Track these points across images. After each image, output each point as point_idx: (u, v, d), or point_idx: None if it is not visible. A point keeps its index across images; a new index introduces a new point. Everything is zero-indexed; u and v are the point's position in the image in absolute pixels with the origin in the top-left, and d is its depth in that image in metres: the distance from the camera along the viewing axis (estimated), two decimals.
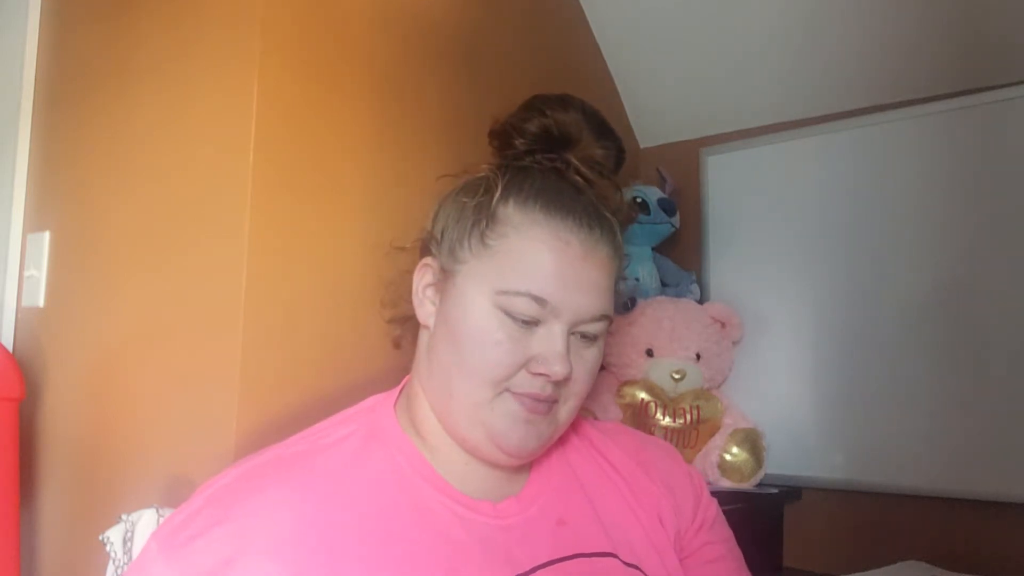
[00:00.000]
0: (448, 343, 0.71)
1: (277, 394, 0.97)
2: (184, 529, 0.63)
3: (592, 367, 0.73)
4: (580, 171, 0.73)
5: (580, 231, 0.69)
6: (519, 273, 0.68)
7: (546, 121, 0.74)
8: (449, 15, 1.29)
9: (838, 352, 1.52)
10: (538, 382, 0.69)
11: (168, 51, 1.08)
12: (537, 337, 0.69)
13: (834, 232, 1.54)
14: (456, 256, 0.72)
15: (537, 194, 0.71)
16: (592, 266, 0.70)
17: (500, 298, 0.68)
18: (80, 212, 1.18)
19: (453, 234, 0.73)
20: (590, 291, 0.69)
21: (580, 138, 0.74)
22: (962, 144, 1.43)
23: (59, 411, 1.16)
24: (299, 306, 1.00)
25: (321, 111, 1.05)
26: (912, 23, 1.43)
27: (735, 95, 1.68)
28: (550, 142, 0.74)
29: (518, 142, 0.75)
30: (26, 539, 1.14)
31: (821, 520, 1.53)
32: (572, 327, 0.70)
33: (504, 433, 0.69)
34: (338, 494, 0.66)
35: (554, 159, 0.74)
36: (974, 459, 1.36)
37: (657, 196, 1.62)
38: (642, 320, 1.53)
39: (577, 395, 0.72)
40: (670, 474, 0.83)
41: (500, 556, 0.67)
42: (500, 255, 0.69)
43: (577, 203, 0.71)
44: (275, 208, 0.98)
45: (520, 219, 0.70)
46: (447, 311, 0.72)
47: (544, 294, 0.68)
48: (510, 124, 0.76)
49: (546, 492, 0.75)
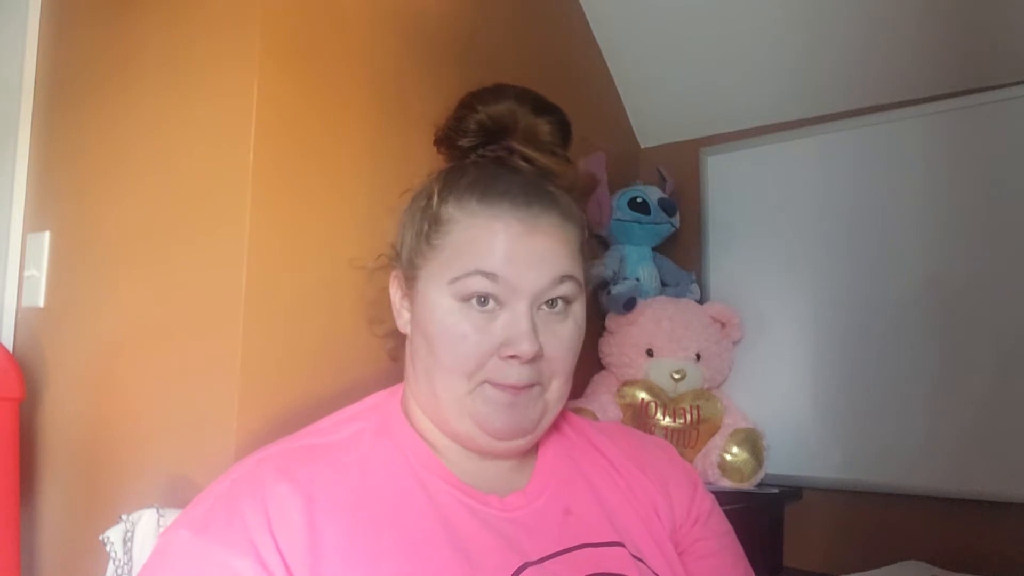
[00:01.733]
0: (422, 346, 0.73)
1: (277, 394, 0.97)
2: (214, 511, 0.65)
3: (568, 343, 0.73)
4: (524, 154, 0.75)
5: (517, 210, 0.70)
6: (466, 258, 0.70)
7: (479, 116, 0.76)
8: (449, 15, 1.29)
9: (838, 352, 1.52)
10: (512, 369, 0.70)
11: (168, 51, 1.08)
12: (501, 322, 0.70)
13: (834, 232, 1.54)
14: (413, 264, 0.75)
15: (471, 187, 0.72)
16: (538, 237, 0.70)
17: (454, 287, 0.70)
18: (80, 212, 1.18)
19: (408, 244, 0.76)
20: (541, 259, 0.70)
21: (517, 122, 0.76)
22: (962, 144, 1.43)
23: (59, 411, 1.16)
24: (299, 306, 1.00)
25: (321, 111, 1.05)
26: (912, 23, 1.43)
27: (735, 95, 1.68)
28: (489, 134, 0.76)
29: (461, 142, 0.78)
30: (26, 539, 1.14)
31: (821, 520, 1.53)
32: (534, 302, 0.70)
33: (489, 418, 0.71)
34: (355, 485, 0.68)
35: (496, 149, 0.76)
36: (974, 459, 1.36)
37: (657, 196, 1.62)
38: (642, 320, 1.53)
39: (559, 373, 0.73)
40: (666, 470, 0.83)
41: (508, 546, 0.68)
42: (447, 250, 0.71)
43: (512, 184, 0.72)
44: (275, 208, 0.98)
45: (459, 214, 0.72)
46: (416, 317, 0.74)
47: (493, 268, 0.69)
48: (449, 128, 0.79)
49: (551, 485, 0.76)
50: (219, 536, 0.62)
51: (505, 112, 0.75)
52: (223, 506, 0.65)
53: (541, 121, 0.76)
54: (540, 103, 0.77)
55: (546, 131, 0.76)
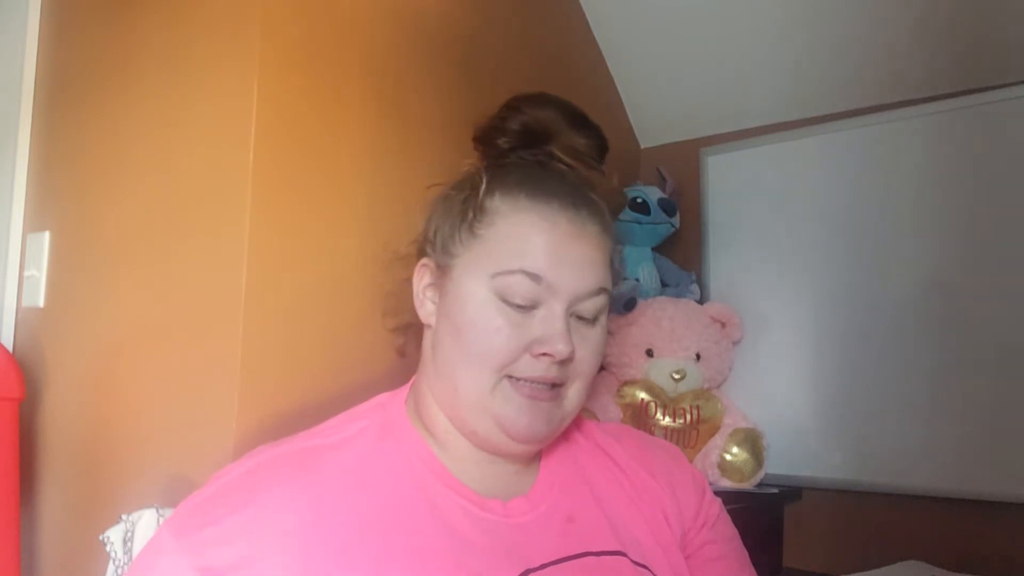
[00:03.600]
0: (451, 336, 0.72)
1: (277, 394, 0.97)
2: (197, 517, 0.64)
3: (596, 347, 0.74)
4: (563, 160, 0.76)
5: (566, 211, 0.71)
6: (511, 253, 0.70)
7: (525, 118, 0.76)
8: (449, 15, 1.29)
9: (838, 352, 1.52)
10: (542, 364, 0.70)
11: (168, 51, 1.09)
12: (537, 320, 0.69)
13: (834, 232, 1.54)
14: (450, 251, 0.74)
15: (521, 183, 0.73)
16: (582, 243, 0.71)
17: (495, 281, 0.69)
18: (80, 212, 1.18)
19: (445, 231, 0.75)
20: (583, 266, 0.71)
21: (559, 131, 0.76)
22: (962, 144, 1.43)
23: (59, 411, 1.16)
24: (299, 307, 1.00)
25: (321, 111, 1.05)
26: (912, 23, 1.43)
27: (735, 95, 1.68)
28: (531, 137, 0.77)
29: (501, 141, 0.78)
30: (26, 539, 1.14)
31: (821, 520, 1.53)
32: (571, 306, 0.71)
33: (512, 418, 0.70)
34: (351, 489, 0.67)
35: (536, 153, 0.77)
36: (974, 459, 1.36)
37: (657, 196, 1.62)
38: (642, 320, 1.53)
39: (583, 376, 0.73)
40: (673, 474, 0.83)
41: (509, 552, 0.68)
42: (491, 242, 0.71)
43: (561, 186, 0.73)
44: (275, 208, 0.98)
45: (507, 207, 0.71)
46: (447, 306, 0.73)
47: (537, 270, 0.69)
48: (492, 126, 0.79)
49: (555, 491, 0.76)
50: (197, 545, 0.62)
51: (549, 118, 0.76)
52: (207, 512, 0.64)
53: (582, 135, 0.77)
54: (582, 118, 0.78)
55: (584, 144, 0.77)
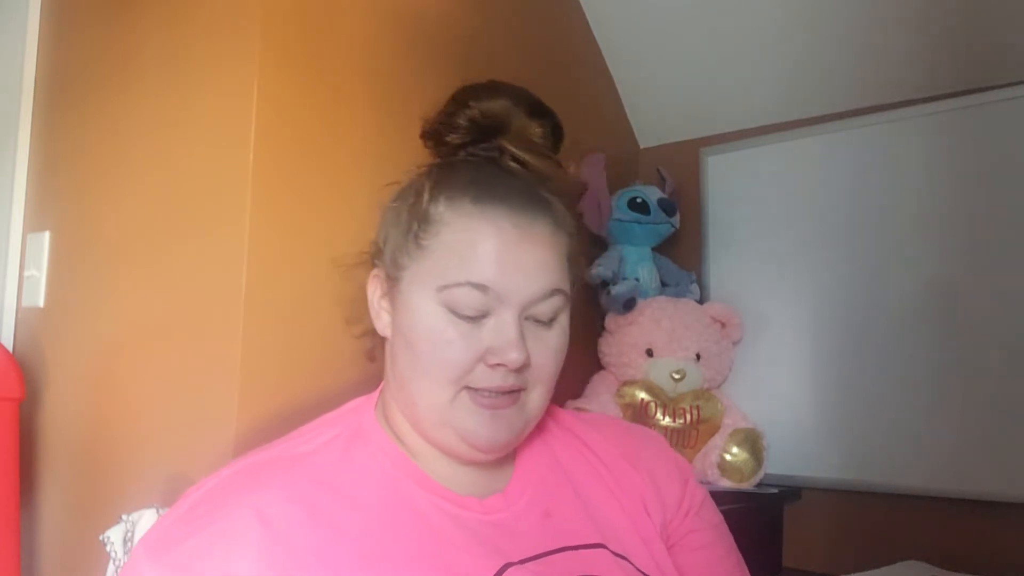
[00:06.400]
0: (405, 350, 0.70)
1: (277, 394, 0.97)
2: (172, 532, 0.63)
3: (555, 350, 0.71)
4: (515, 156, 0.73)
5: (513, 215, 0.68)
6: (456, 265, 0.68)
7: (471, 112, 0.74)
8: (449, 15, 1.29)
9: (838, 352, 1.52)
10: (498, 374, 0.68)
11: (168, 51, 1.08)
12: (488, 329, 0.68)
13: (834, 232, 1.54)
14: (398, 263, 0.72)
15: (466, 187, 0.70)
16: (531, 246, 0.68)
17: (443, 295, 0.68)
18: (80, 212, 1.18)
19: (392, 242, 0.73)
20: (533, 270, 0.68)
21: (511, 122, 0.73)
22: (962, 144, 1.43)
23: (59, 411, 1.16)
24: (299, 306, 1.00)
25: (321, 110, 1.05)
26: (912, 23, 1.43)
27: (735, 95, 1.68)
28: (481, 131, 0.74)
29: (450, 137, 0.75)
30: (26, 539, 1.14)
31: (821, 520, 1.53)
32: (523, 311, 0.68)
33: (473, 430, 0.69)
34: (327, 495, 0.67)
35: (488, 148, 0.74)
36: (974, 459, 1.36)
37: (657, 196, 1.62)
38: (642, 320, 1.53)
39: (543, 381, 0.71)
40: (655, 462, 0.82)
41: (488, 548, 0.67)
42: (436, 252, 0.69)
43: (508, 188, 0.70)
44: (275, 208, 0.98)
45: (451, 215, 0.69)
46: (398, 319, 0.72)
47: (484, 280, 0.67)
48: (439, 122, 0.76)
49: (532, 486, 0.75)
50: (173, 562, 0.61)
51: (500, 110, 0.73)
52: (180, 528, 0.63)
53: (535, 123, 0.74)
54: (536, 105, 0.75)
55: (539, 133, 0.74)
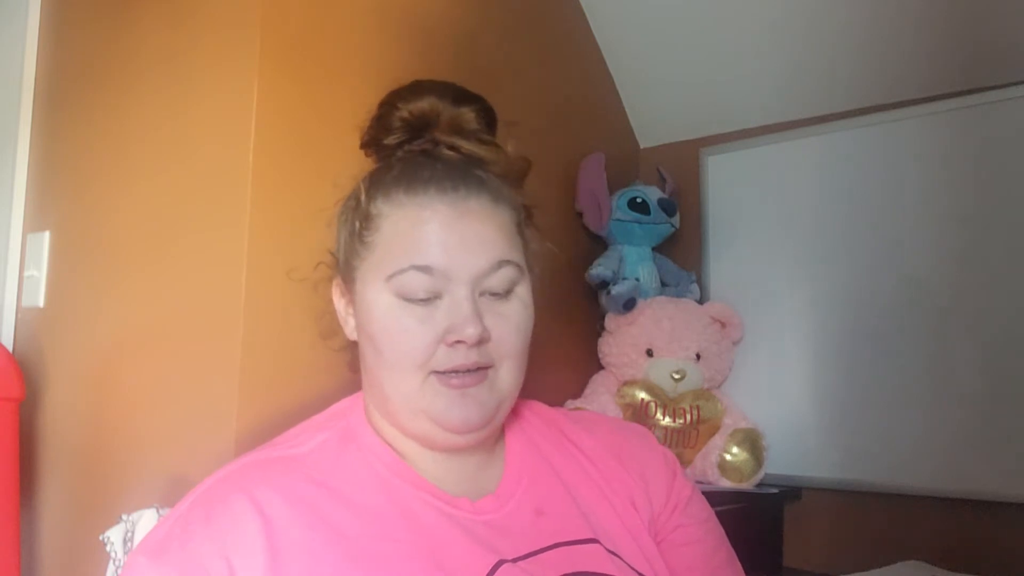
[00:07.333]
0: (369, 347, 0.72)
1: (277, 393, 0.97)
2: (171, 535, 0.64)
3: (516, 322, 0.72)
4: (449, 143, 0.75)
5: (444, 196, 0.70)
6: (399, 253, 0.69)
7: (400, 113, 0.76)
8: (449, 15, 1.29)
9: (838, 352, 1.52)
10: (459, 352, 0.69)
11: (168, 50, 1.09)
12: (443, 310, 0.69)
13: (834, 232, 1.54)
14: (351, 265, 0.74)
15: (397, 180, 0.72)
16: (470, 221, 0.70)
17: (391, 283, 0.69)
18: (80, 212, 1.18)
19: (343, 247, 0.76)
20: (475, 244, 0.70)
21: (439, 113, 0.76)
22: (961, 144, 1.43)
23: (59, 411, 1.16)
24: (299, 306, 1.00)
25: (321, 110, 1.05)
26: (912, 23, 1.43)
27: (735, 95, 1.68)
28: (413, 129, 0.77)
29: (387, 140, 0.78)
30: (26, 539, 1.14)
31: (821, 520, 1.53)
32: (475, 287, 0.69)
33: (444, 412, 0.69)
34: (323, 495, 0.67)
35: (422, 142, 0.76)
36: (974, 459, 1.36)
37: (657, 196, 1.62)
38: (642, 320, 1.53)
39: (510, 356, 0.71)
40: (643, 458, 0.82)
41: (482, 546, 0.68)
42: (380, 247, 0.71)
43: (436, 171, 0.72)
44: (275, 208, 0.98)
45: (388, 208, 0.71)
46: (359, 319, 0.74)
47: (427, 261, 0.68)
48: (373, 128, 0.79)
49: (522, 485, 0.75)
50: (173, 562, 0.62)
51: (426, 106, 0.76)
52: (180, 529, 0.65)
53: (464, 110, 0.76)
54: (461, 93, 0.77)
55: (470, 119, 0.76)
